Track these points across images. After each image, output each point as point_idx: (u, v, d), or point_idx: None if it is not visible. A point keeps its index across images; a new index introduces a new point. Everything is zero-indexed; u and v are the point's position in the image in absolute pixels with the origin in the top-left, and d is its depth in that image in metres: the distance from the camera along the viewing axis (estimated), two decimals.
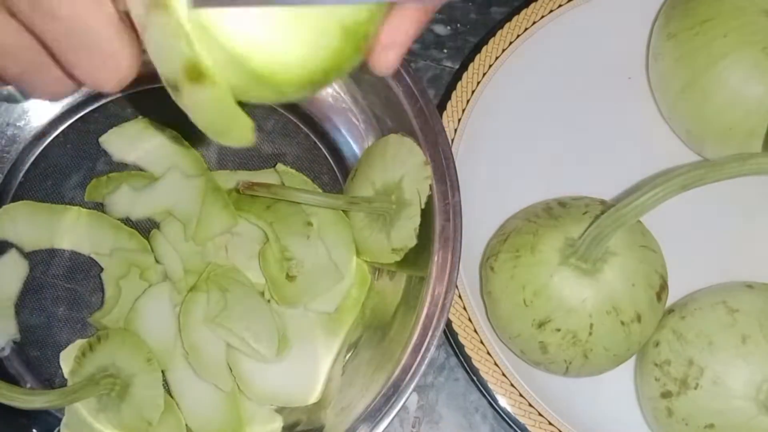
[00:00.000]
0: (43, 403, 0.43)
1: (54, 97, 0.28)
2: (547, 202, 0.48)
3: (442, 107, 0.53)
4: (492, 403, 0.48)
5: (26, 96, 0.29)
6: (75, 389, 0.44)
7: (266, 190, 0.47)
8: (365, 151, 0.51)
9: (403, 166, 0.46)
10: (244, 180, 0.47)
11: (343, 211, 0.50)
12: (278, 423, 0.47)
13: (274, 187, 0.47)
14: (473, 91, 0.53)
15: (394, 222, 0.47)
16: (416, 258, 0.45)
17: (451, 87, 0.53)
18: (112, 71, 0.24)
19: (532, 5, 0.55)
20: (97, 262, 0.50)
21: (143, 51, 0.25)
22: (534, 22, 0.54)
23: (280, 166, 0.51)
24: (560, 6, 0.55)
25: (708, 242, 0.53)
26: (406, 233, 0.46)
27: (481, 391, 0.49)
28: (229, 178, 0.50)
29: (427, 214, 0.45)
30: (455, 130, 0.52)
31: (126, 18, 0.24)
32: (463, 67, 0.54)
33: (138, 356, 0.45)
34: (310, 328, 0.48)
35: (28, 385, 0.47)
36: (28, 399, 0.43)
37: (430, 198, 0.44)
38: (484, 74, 0.53)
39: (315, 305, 0.48)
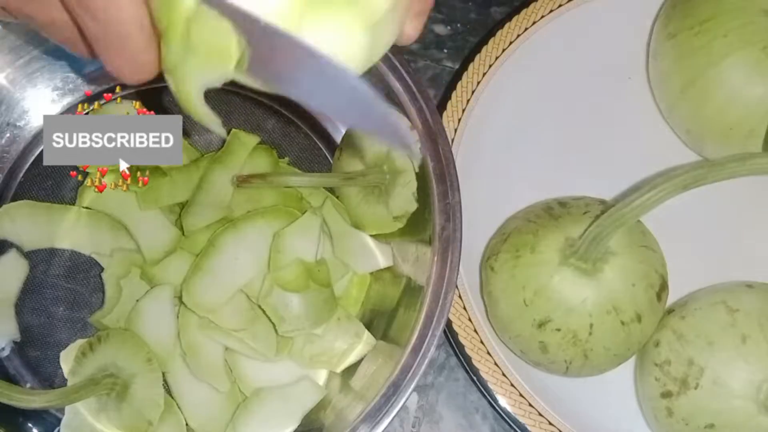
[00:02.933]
0: (43, 403, 0.43)
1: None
2: (547, 202, 0.48)
3: (442, 107, 0.53)
4: (492, 403, 0.48)
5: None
6: (75, 389, 0.44)
7: (261, 179, 0.47)
8: (348, 128, 0.51)
9: None
10: (239, 174, 0.47)
11: (333, 192, 0.50)
12: None
13: (269, 176, 0.47)
14: (473, 91, 0.53)
15: (390, 191, 0.47)
16: (417, 221, 0.46)
17: (451, 87, 0.53)
18: (136, 69, 0.28)
19: (532, 5, 0.55)
20: (97, 262, 0.50)
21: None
22: (534, 22, 0.54)
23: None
24: (560, 6, 0.55)
25: (708, 242, 0.53)
26: (404, 199, 0.46)
27: (481, 391, 0.49)
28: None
29: (421, 175, 0.45)
30: (455, 130, 0.52)
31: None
32: (463, 67, 0.54)
33: (138, 356, 0.45)
34: None
35: (28, 385, 0.47)
36: (28, 399, 0.43)
37: (423, 161, 0.45)
38: (484, 74, 0.53)
39: None
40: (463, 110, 0.53)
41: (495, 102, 0.54)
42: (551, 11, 0.55)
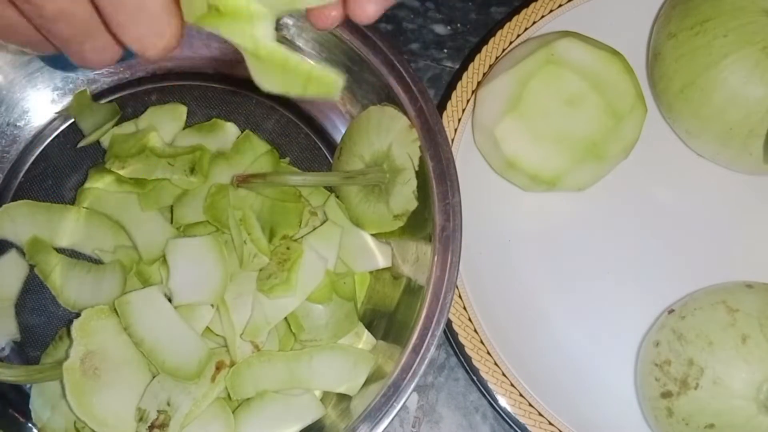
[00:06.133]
0: (8, 377, 0.43)
1: (98, 65, 0.29)
2: None
3: (442, 107, 0.53)
4: (492, 403, 0.48)
5: (73, 64, 0.30)
6: (41, 369, 0.44)
7: (261, 179, 0.47)
8: (348, 128, 0.51)
9: (388, 134, 0.47)
10: (238, 174, 0.47)
11: (333, 191, 0.50)
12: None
13: (269, 175, 0.47)
14: (473, 91, 0.53)
15: (390, 189, 0.47)
16: (417, 220, 0.46)
17: (451, 87, 0.53)
18: (158, 37, 0.26)
19: (532, 5, 0.55)
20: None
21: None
22: (534, 22, 0.54)
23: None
24: (560, 6, 0.55)
25: (708, 242, 0.53)
26: (404, 198, 0.46)
27: (481, 391, 0.49)
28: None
29: (421, 175, 0.45)
30: (455, 130, 0.52)
31: None
32: (463, 67, 0.54)
33: None
34: None
35: (28, 386, 0.47)
36: None
37: (422, 159, 0.45)
38: (485, 74, 0.53)
39: None
40: (463, 110, 0.53)
41: None
42: (551, 11, 0.55)
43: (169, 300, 0.46)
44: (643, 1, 0.56)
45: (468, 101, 0.53)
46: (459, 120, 0.52)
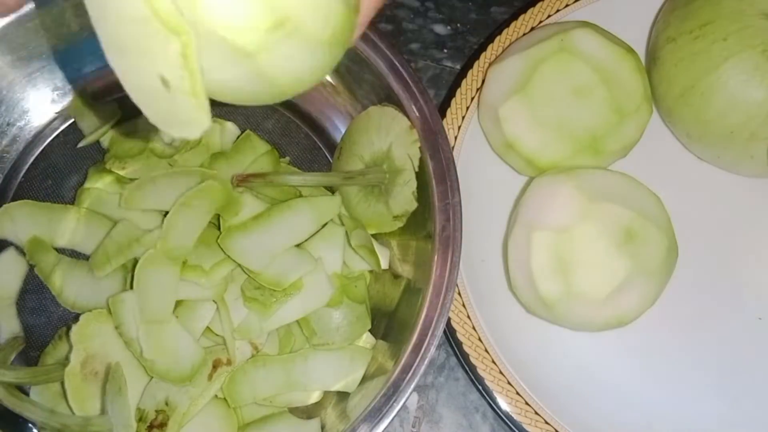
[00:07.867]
0: (12, 379, 0.43)
1: None
2: None
3: (446, 106, 0.53)
4: (489, 400, 0.48)
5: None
6: (45, 371, 0.44)
7: (261, 179, 0.47)
8: (348, 128, 0.51)
9: (389, 134, 0.47)
10: (238, 174, 0.47)
11: (333, 191, 0.50)
12: None
13: (269, 175, 0.47)
14: (478, 89, 0.53)
15: (390, 190, 0.47)
16: (417, 220, 0.46)
17: (454, 87, 0.53)
18: None
19: (539, 4, 0.55)
20: None
21: None
22: (540, 21, 0.54)
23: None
24: (558, 11, 0.55)
25: (709, 245, 0.53)
26: (404, 198, 0.46)
27: (479, 390, 0.49)
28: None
29: (421, 175, 0.45)
30: (459, 128, 0.52)
31: None
32: (468, 66, 0.54)
33: None
34: None
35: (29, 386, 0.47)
36: None
37: (422, 159, 0.45)
38: (490, 64, 0.53)
39: None
40: (467, 108, 0.52)
41: None
42: (558, 11, 0.55)
43: None
44: (643, 4, 0.56)
45: (472, 99, 0.53)
46: (463, 117, 0.52)
